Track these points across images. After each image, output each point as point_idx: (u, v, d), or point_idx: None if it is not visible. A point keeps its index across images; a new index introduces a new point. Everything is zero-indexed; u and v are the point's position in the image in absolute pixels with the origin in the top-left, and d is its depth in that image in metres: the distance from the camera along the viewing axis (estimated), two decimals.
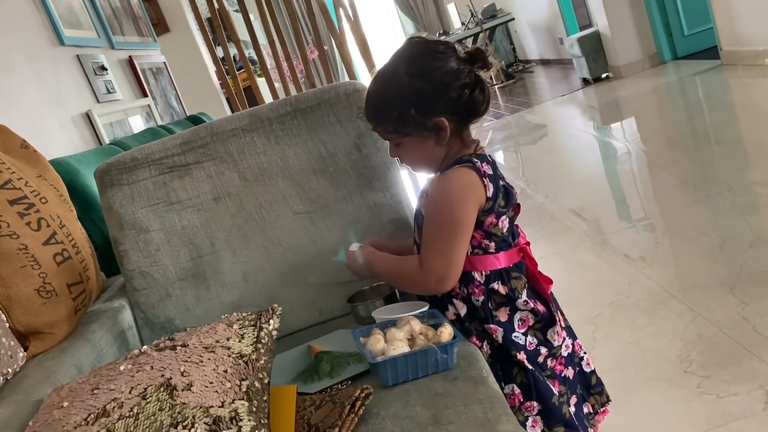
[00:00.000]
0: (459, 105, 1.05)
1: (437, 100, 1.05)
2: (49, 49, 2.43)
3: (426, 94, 1.04)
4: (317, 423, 0.88)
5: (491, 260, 1.08)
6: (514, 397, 1.07)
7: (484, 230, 1.07)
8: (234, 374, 0.83)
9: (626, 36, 5.73)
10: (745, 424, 1.30)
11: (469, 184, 1.04)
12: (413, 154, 1.11)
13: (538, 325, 1.10)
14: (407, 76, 1.05)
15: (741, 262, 1.92)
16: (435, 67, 1.05)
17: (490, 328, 1.07)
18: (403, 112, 1.05)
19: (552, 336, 1.10)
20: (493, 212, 1.06)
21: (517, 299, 1.08)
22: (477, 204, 1.04)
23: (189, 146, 1.36)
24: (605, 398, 1.21)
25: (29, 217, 1.20)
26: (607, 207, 2.89)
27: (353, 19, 4.89)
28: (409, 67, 1.06)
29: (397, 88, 1.06)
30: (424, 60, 1.06)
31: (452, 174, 1.06)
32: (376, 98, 1.11)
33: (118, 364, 0.91)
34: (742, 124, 3.48)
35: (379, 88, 1.11)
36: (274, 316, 1.00)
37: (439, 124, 1.05)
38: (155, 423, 0.73)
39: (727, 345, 1.56)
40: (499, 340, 1.07)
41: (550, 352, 1.10)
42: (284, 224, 1.36)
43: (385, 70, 1.11)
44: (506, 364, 1.08)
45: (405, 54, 1.09)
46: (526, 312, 1.09)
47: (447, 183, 1.06)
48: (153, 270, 1.35)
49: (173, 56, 4.02)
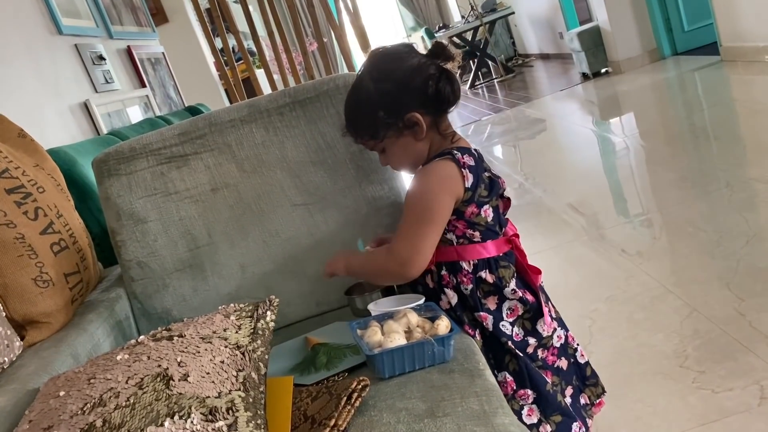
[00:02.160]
0: (427, 98, 1.09)
1: (404, 96, 1.09)
2: (47, 38, 2.42)
3: (391, 94, 1.09)
4: (313, 414, 0.88)
5: (478, 249, 1.10)
6: (506, 384, 1.09)
7: (466, 220, 1.09)
8: (231, 365, 0.83)
9: (626, 31, 5.72)
10: (740, 419, 1.31)
11: (447, 176, 1.07)
12: (398, 154, 1.14)
13: (527, 315, 1.12)
14: (372, 82, 1.11)
15: (738, 258, 1.92)
16: (395, 67, 1.10)
17: (480, 315, 1.10)
18: (374, 116, 1.10)
19: (541, 326, 1.12)
20: (473, 202, 1.08)
21: (505, 288, 1.10)
22: (453, 195, 1.07)
23: (187, 137, 1.36)
24: (600, 390, 1.22)
25: (26, 206, 1.20)
26: (605, 202, 2.89)
27: (353, 12, 4.87)
28: (372, 74, 1.12)
29: (366, 97, 1.12)
30: (385, 63, 1.12)
31: (431, 166, 1.10)
32: (349, 111, 1.17)
33: (115, 354, 0.90)
34: (741, 120, 3.48)
35: (351, 102, 1.17)
36: (271, 308, 1.00)
37: (411, 119, 1.09)
38: (151, 413, 0.73)
39: (723, 340, 1.56)
40: (489, 327, 1.09)
41: (539, 342, 1.12)
42: (282, 216, 1.35)
43: (353, 85, 1.17)
44: (498, 351, 1.10)
45: (368, 64, 1.14)
46: (515, 301, 1.10)
47: (425, 174, 1.10)
48: (150, 260, 1.35)
49: (172, 47, 4.01)
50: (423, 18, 10.06)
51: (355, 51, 5.05)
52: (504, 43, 9.91)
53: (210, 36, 4.22)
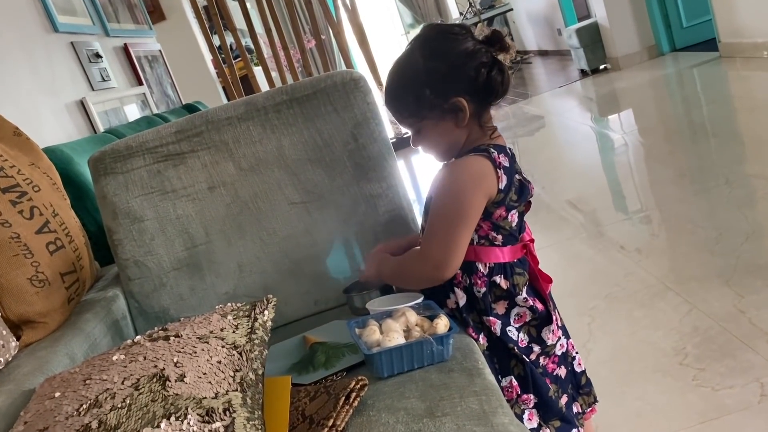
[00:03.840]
0: (476, 85, 1.03)
1: (453, 79, 1.03)
2: (43, 36, 2.40)
3: (441, 74, 1.03)
4: (312, 414, 0.87)
5: (496, 253, 1.07)
6: (512, 389, 1.07)
7: (493, 222, 1.05)
8: (228, 365, 0.83)
9: (625, 27, 5.71)
10: (740, 417, 1.30)
11: (481, 174, 1.02)
12: (434, 138, 1.09)
13: (534, 322, 1.09)
14: (422, 58, 1.05)
15: (737, 255, 1.92)
16: (449, 48, 1.04)
17: (489, 320, 1.07)
18: (420, 94, 1.04)
19: (546, 334, 1.10)
20: (503, 205, 1.04)
21: (517, 295, 1.07)
22: (486, 195, 1.02)
23: (184, 135, 1.35)
24: (593, 398, 1.22)
25: (22, 205, 1.19)
26: (604, 199, 2.89)
27: (351, 9, 4.87)
28: (424, 50, 1.05)
29: (413, 72, 1.06)
30: (439, 41, 1.06)
31: (465, 161, 1.04)
32: (394, 85, 1.10)
33: (111, 355, 0.90)
34: (739, 116, 3.47)
35: (396, 75, 1.10)
36: (268, 307, 0.99)
37: (457, 104, 1.04)
38: (147, 414, 0.72)
39: (723, 338, 1.56)
40: (497, 332, 1.07)
41: (542, 350, 1.10)
42: (280, 214, 1.35)
43: (401, 57, 1.10)
44: (504, 356, 1.08)
45: (420, 38, 1.08)
46: (524, 308, 1.08)
47: (458, 169, 1.05)
48: (147, 259, 1.34)
49: (169, 44, 3.99)
50: (421, 14, 10.04)
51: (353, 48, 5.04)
52: None
53: (207, 33, 4.20)
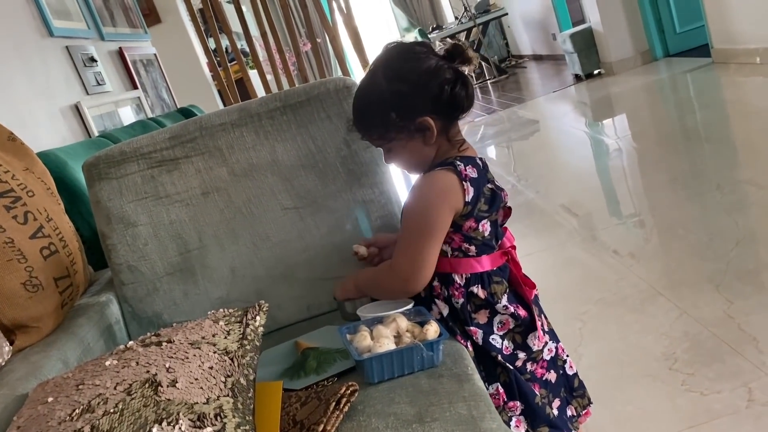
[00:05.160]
0: (441, 102, 1.05)
1: (417, 100, 1.04)
2: (38, 40, 2.41)
3: (405, 95, 1.04)
4: (302, 419, 0.88)
5: (472, 263, 1.08)
6: (498, 396, 1.08)
7: (464, 234, 1.07)
8: (219, 371, 0.83)
9: (618, 32, 5.74)
10: (728, 422, 1.31)
11: (446, 189, 1.04)
12: (404, 157, 1.11)
13: (518, 329, 1.10)
14: (385, 81, 1.06)
15: (728, 260, 1.93)
16: (411, 68, 1.05)
17: (470, 330, 1.08)
18: (385, 117, 1.05)
19: (532, 341, 1.10)
20: (471, 216, 1.05)
21: (497, 303, 1.08)
22: (452, 209, 1.04)
23: (178, 140, 1.36)
24: (587, 401, 1.22)
25: (16, 210, 1.20)
26: (598, 203, 2.91)
27: (346, 12, 4.87)
28: (386, 72, 1.07)
29: (377, 96, 1.07)
30: (401, 62, 1.07)
31: (431, 177, 1.06)
32: (359, 108, 1.13)
33: (104, 360, 0.90)
34: (732, 122, 3.50)
35: (361, 98, 1.12)
36: (260, 313, 1.00)
37: (423, 123, 1.05)
38: (140, 419, 0.73)
39: (712, 343, 1.57)
40: (479, 341, 1.08)
41: (529, 356, 1.11)
42: (273, 219, 1.35)
43: (364, 80, 1.12)
44: (489, 364, 1.09)
45: (382, 60, 1.09)
46: (506, 316, 1.09)
47: (424, 186, 1.07)
48: (141, 264, 1.35)
49: (164, 48, 4.00)
50: (416, 19, 10.07)
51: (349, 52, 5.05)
52: (497, 44, 9.93)
53: (203, 37, 4.21)
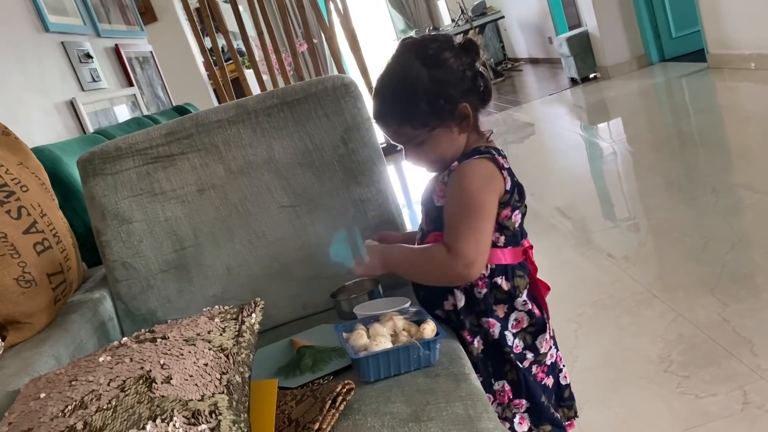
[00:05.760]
0: (476, 91, 1.06)
1: (458, 87, 1.05)
2: (34, 35, 2.39)
3: (448, 82, 1.04)
4: (297, 418, 0.88)
5: (498, 254, 1.07)
6: (504, 393, 1.08)
7: (499, 222, 1.06)
8: (214, 368, 0.83)
9: (615, 37, 5.75)
10: (723, 424, 1.31)
11: (490, 176, 1.04)
12: (440, 147, 1.08)
13: (531, 328, 1.09)
14: (425, 67, 1.04)
15: (723, 264, 1.94)
16: (448, 56, 1.04)
17: (488, 321, 1.07)
18: (433, 102, 1.04)
19: (541, 342, 1.10)
20: (509, 205, 1.06)
21: (517, 298, 1.07)
22: (498, 194, 1.04)
23: (174, 137, 1.35)
24: (573, 413, 1.20)
25: (9, 205, 1.18)
26: (593, 206, 2.91)
27: (343, 14, 4.88)
28: (423, 60, 1.04)
29: (418, 83, 1.04)
30: (435, 50, 1.05)
31: (473, 164, 1.05)
32: (397, 97, 1.07)
33: (97, 356, 0.89)
34: (727, 127, 3.51)
35: (396, 87, 1.07)
36: (256, 310, 0.99)
37: (464, 110, 1.06)
38: (133, 415, 0.72)
39: (707, 345, 1.57)
40: (495, 334, 1.07)
41: (535, 358, 1.10)
42: (269, 217, 1.35)
43: (395, 70, 1.08)
44: (498, 360, 1.08)
45: (413, 49, 1.07)
46: (523, 313, 1.08)
47: (470, 171, 1.05)
48: (135, 261, 1.34)
49: (160, 46, 3.98)
50: (413, 21, 10.07)
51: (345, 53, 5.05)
52: (493, 47, 9.94)
53: (199, 35, 4.20)
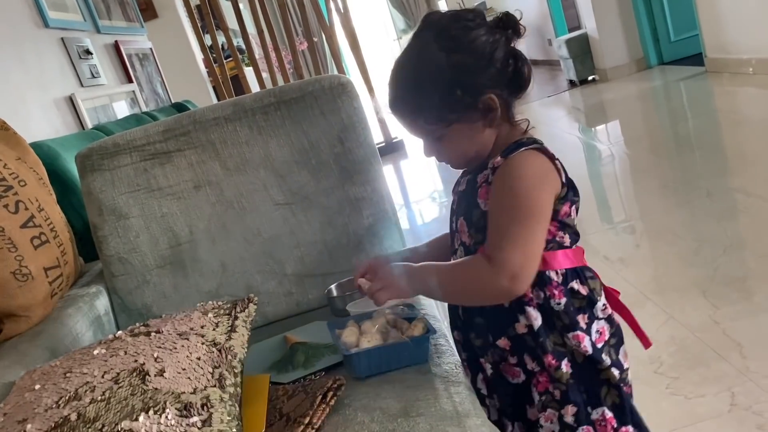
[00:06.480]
0: (505, 78, 0.90)
1: (483, 73, 0.88)
2: (33, 31, 2.40)
3: (470, 69, 0.88)
4: (289, 412, 0.89)
5: (568, 256, 0.91)
6: (605, 423, 0.89)
7: (559, 221, 0.90)
8: (207, 362, 0.84)
9: (614, 39, 5.77)
10: (711, 425, 1.33)
11: (544, 170, 0.88)
12: (461, 144, 0.93)
13: (613, 339, 0.92)
14: (444, 51, 0.88)
15: (715, 267, 1.95)
16: (473, 37, 0.88)
17: (577, 336, 0.88)
18: (448, 94, 0.88)
19: (622, 356, 0.93)
20: (567, 200, 0.90)
21: (597, 302, 0.91)
22: (553, 191, 0.88)
23: (171, 134, 1.36)
24: None
25: (7, 199, 1.20)
26: (589, 208, 2.92)
27: (343, 12, 4.89)
28: (443, 42, 0.88)
29: (435, 69, 0.88)
30: (458, 30, 0.89)
31: (523, 157, 0.88)
32: (409, 87, 0.92)
33: (92, 349, 0.91)
34: (723, 131, 3.52)
35: (409, 75, 0.92)
36: (249, 305, 1.01)
37: (489, 102, 0.89)
38: (126, 407, 0.74)
39: (698, 347, 1.59)
40: (587, 349, 0.88)
41: (620, 375, 0.92)
42: (264, 215, 1.36)
43: (411, 54, 0.92)
44: (592, 383, 0.90)
45: (432, 29, 0.90)
46: (603, 321, 0.91)
47: (520, 166, 0.88)
48: (131, 256, 1.35)
49: (160, 43, 3.99)
50: (414, 20, 10.08)
51: (345, 52, 5.06)
52: None
53: (199, 32, 4.21)
